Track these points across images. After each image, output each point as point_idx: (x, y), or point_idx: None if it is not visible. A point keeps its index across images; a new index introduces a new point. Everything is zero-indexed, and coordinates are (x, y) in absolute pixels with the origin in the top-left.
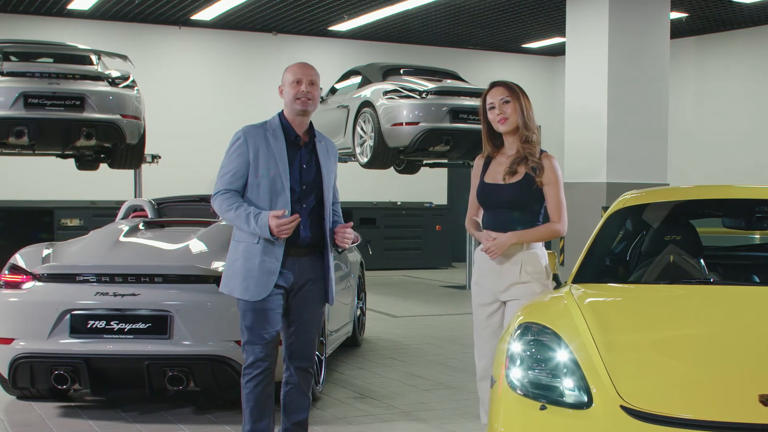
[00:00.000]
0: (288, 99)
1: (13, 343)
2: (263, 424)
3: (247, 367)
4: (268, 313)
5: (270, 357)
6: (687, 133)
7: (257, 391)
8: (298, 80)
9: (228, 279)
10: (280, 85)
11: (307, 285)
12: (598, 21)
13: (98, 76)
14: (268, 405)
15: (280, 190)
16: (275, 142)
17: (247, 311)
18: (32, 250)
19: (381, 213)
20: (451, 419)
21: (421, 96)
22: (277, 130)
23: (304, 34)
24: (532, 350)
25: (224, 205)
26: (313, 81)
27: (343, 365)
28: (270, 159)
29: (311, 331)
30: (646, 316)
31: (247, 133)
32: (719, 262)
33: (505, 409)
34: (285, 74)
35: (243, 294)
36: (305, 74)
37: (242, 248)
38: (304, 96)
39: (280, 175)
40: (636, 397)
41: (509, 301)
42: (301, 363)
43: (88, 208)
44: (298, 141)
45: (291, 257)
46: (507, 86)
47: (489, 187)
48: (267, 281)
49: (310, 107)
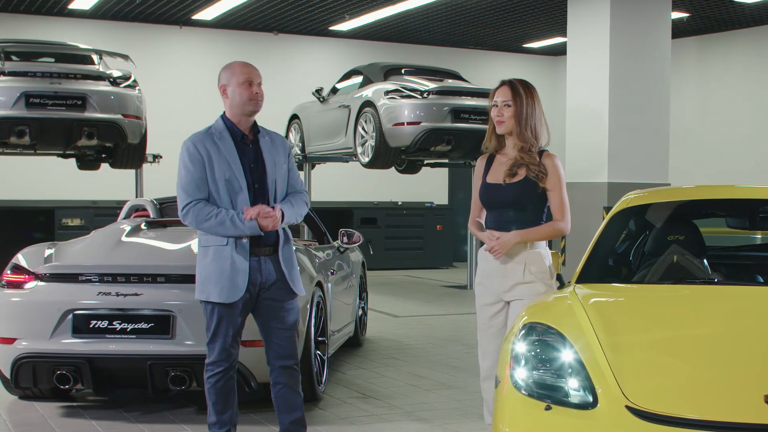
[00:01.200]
0: (240, 100)
1: (16, 343)
2: (226, 416)
3: (209, 364)
4: (233, 317)
5: (231, 356)
6: (688, 133)
7: (218, 387)
8: (249, 82)
9: (202, 284)
10: (221, 84)
11: (276, 283)
12: (599, 21)
13: (100, 76)
14: (230, 398)
15: (238, 190)
16: (224, 144)
17: (213, 314)
18: (34, 250)
19: (382, 213)
20: (454, 419)
21: (423, 96)
22: (224, 132)
23: (305, 33)
24: (536, 350)
25: (201, 215)
26: (260, 81)
27: (345, 365)
28: (222, 162)
29: (287, 328)
30: (650, 316)
31: (196, 140)
32: (722, 262)
33: (510, 409)
34: (229, 74)
35: (219, 296)
36: (255, 75)
37: (212, 252)
38: (257, 98)
39: (236, 176)
40: (641, 397)
41: (513, 301)
42: (284, 362)
43: (89, 207)
44: (245, 140)
45: (255, 258)
46: (513, 89)
47: (491, 187)
48: (239, 280)
49: (261, 107)
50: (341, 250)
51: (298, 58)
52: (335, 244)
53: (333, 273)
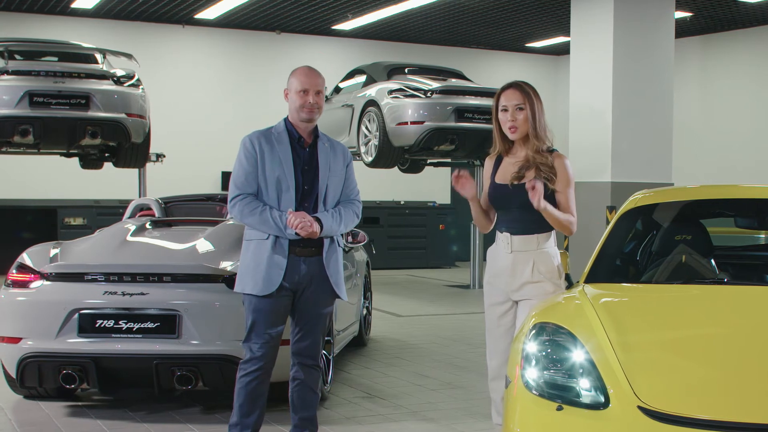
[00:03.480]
0: (294, 106)
1: (21, 343)
2: (250, 420)
3: (243, 363)
4: (272, 315)
5: (267, 356)
6: (691, 133)
7: (249, 388)
8: (305, 90)
9: (240, 277)
10: (285, 88)
11: (313, 284)
12: (602, 20)
13: (103, 75)
14: (258, 402)
15: (285, 190)
16: (279, 145)
17: (252, 309)
18: (40, 249)
19: (384, 212)
20: (461, 419)
21: (426, 95)
22: (282, 133)
23: (307, 33)
24: (547, 350)
25: (246, 210)
26: (319, 90)
27: (350, 365)
28: (275, 160)
29: (317, 330)
30: (660, 316)
31: (253, 137)
32: (729, 262)
33: (521, 409)
34: (292, 79)
35: (253, 288)
36: (312, 84)
37: (253, 246)
38: (311, 107)
39: (285, 175)
40: (653, 397)
41: (521, 301)
42: (306, 360)
43: (91, 207)
44: (301, 143)
45: (296, 257)
46: (523, 91)
47: (500, 188)
48: (275, 274)
49: (315, 116)
50: (346, 250)
51: (300, 58)
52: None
53: None
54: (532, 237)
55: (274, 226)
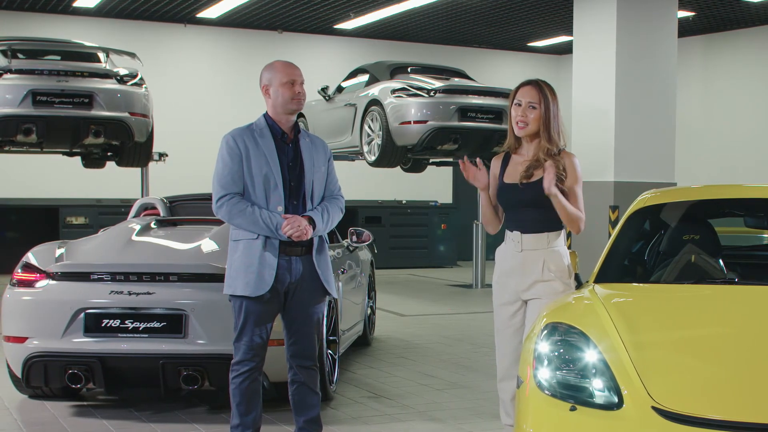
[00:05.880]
0: (282, 99)
1: (27, 342)
2: (250, 418)
3: (235, 364)
4: (261, 315)
5: (258, 356)
6: (694, 132)
7: (243, 387)
8: (292, 81)
9: (230, 278)
10: (263, 84)
11: (304, 283)
12: (605, 19)
13: (106, 74)
14: (254, 400)
15: (273, 187)
16: (263, 140)
17: (241, 311)
18: (45, 249)
19: (386, 212)
20: (467, 419)
21: (429, 94)
22: (264, 129)
23: (309, 32)
24: (560, 350)
25: (234, 210)
26: (303, 80)
27: (355, 364)
28: (260, 157)
29: (311, 329)
30: (672, 316)
31: (235, 134)
32: (737, 262)
33: (533, 409)
34: (272, 74)
35: (244, 289)
36: (297, 75)
37: (242, 246)
38: (299, 97)
39: (272, 172)
40: (667, 397)
41: (531, 300)
42: (303, 362)
43: (93, 206)
44: (285, 139)
45: (286, 256)
46: (540, 90)
47: (508, 187)
48: (268, 275)
49: (303, 106)
50: (350, 249)
51: (302, 57)
52: (344, 243)
53: (343, 272)
54: (543, 235)
55: (265, 227)
